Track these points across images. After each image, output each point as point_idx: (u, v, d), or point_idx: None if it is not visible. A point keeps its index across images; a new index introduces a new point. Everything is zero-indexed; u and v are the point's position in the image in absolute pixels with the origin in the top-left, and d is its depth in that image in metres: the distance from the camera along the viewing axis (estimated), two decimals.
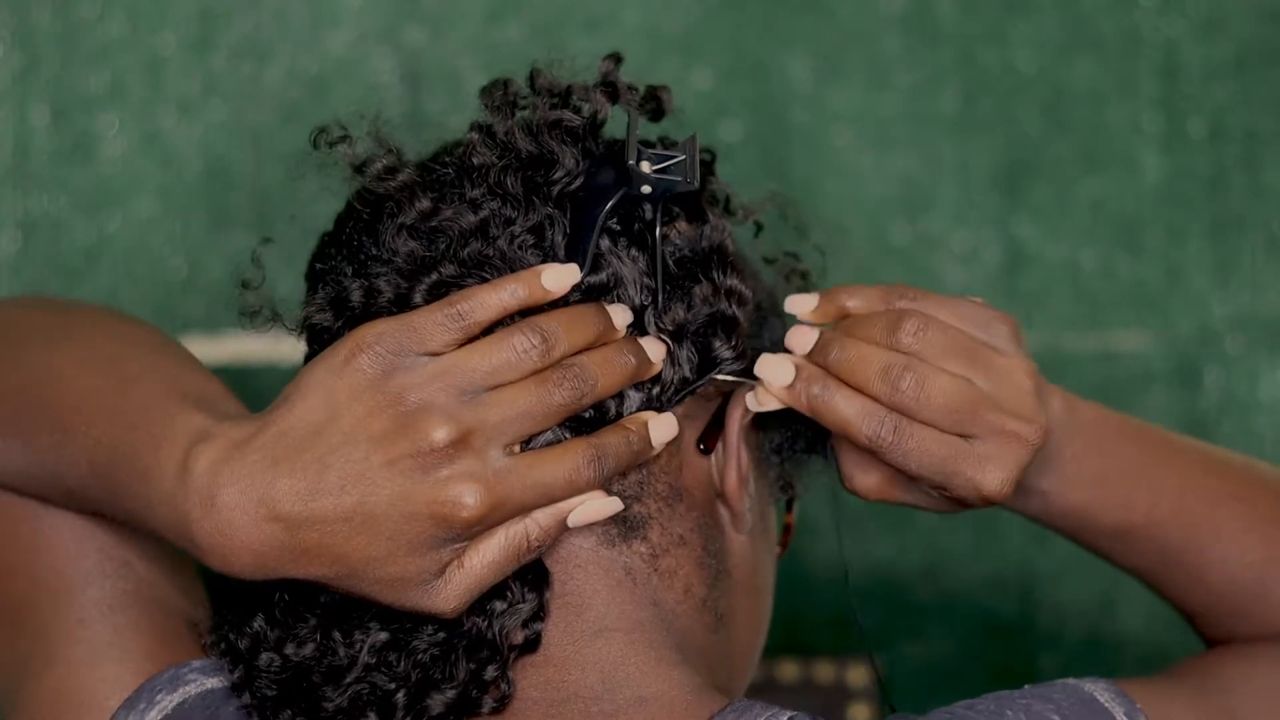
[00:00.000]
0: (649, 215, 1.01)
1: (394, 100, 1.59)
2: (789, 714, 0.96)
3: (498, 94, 1.04)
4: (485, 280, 0.98)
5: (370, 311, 0.98)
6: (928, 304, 1.03)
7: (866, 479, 1.05)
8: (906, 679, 1.62)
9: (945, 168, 1.62)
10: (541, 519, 0.96)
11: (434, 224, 0.99)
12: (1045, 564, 1.62)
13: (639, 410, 1.00)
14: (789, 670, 1.58)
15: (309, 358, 1.02)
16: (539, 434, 0.97)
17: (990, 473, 1.01)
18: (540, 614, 0.98)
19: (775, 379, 1.01)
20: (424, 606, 0.95)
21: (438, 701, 0.97)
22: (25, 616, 1.06)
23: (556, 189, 1.01)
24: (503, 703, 0.98)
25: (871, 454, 1.02)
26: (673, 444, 1.01)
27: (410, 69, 1.59)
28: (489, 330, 0.97)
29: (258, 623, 0.99)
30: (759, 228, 1.12)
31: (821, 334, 1.03)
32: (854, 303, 1.04)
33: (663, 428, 1.00)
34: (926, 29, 1.61)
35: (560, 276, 0.98)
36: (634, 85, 1.05)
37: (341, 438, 0.93)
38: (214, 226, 1.58)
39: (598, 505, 0.97)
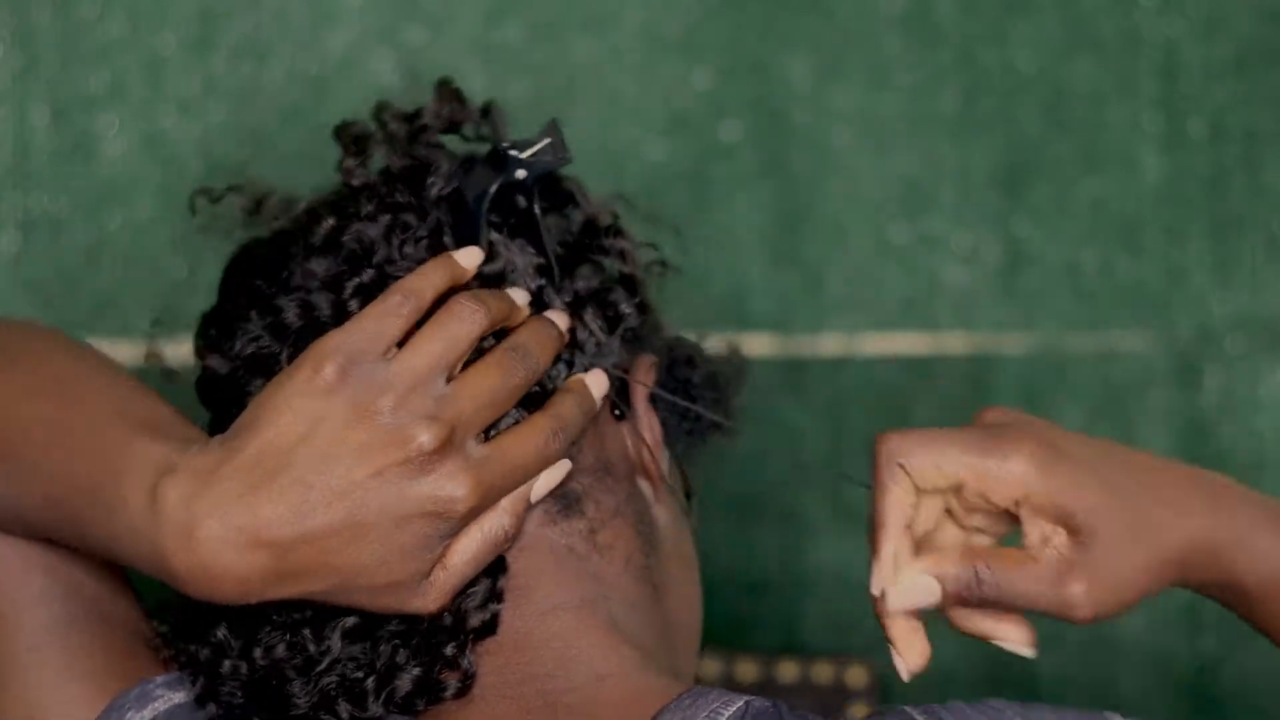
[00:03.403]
0: (522, 205, 1.04)
1: (394, 100, 1.59)
2: (745, 698, 0.96)
3: (352, 129, 1.08)
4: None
5: (312, 328, 0.99)
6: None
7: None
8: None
9: (945, 168, 1.62)
10: (509, 506, 0.98)
11: (343, 239, 1.02)
12: None
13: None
14: (788, 670, 1.58)
15: (218, 400, 1.03)
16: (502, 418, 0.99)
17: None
18: (495, 597, 0.99)
19: (923, 600, 1.03)
20: (411, 608, 0.96)
21: (405, 680, 0.98)
22: None
23: (435, 191, 1.04)
24: (466, 684, 0.98)
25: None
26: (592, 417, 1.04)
27: (410, 69, 1.59)
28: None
29: (220, 632, 0.99)
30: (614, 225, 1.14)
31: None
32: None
33: (596, 382, 1.02)
34: (926, 29, 1.61)
35: (470, 256, 1.01)
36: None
37: (320, 455, 0.93)
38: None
39: (551, 474, 1.00)
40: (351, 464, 0.93)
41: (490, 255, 1.03)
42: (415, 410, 0.94)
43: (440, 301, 0.99)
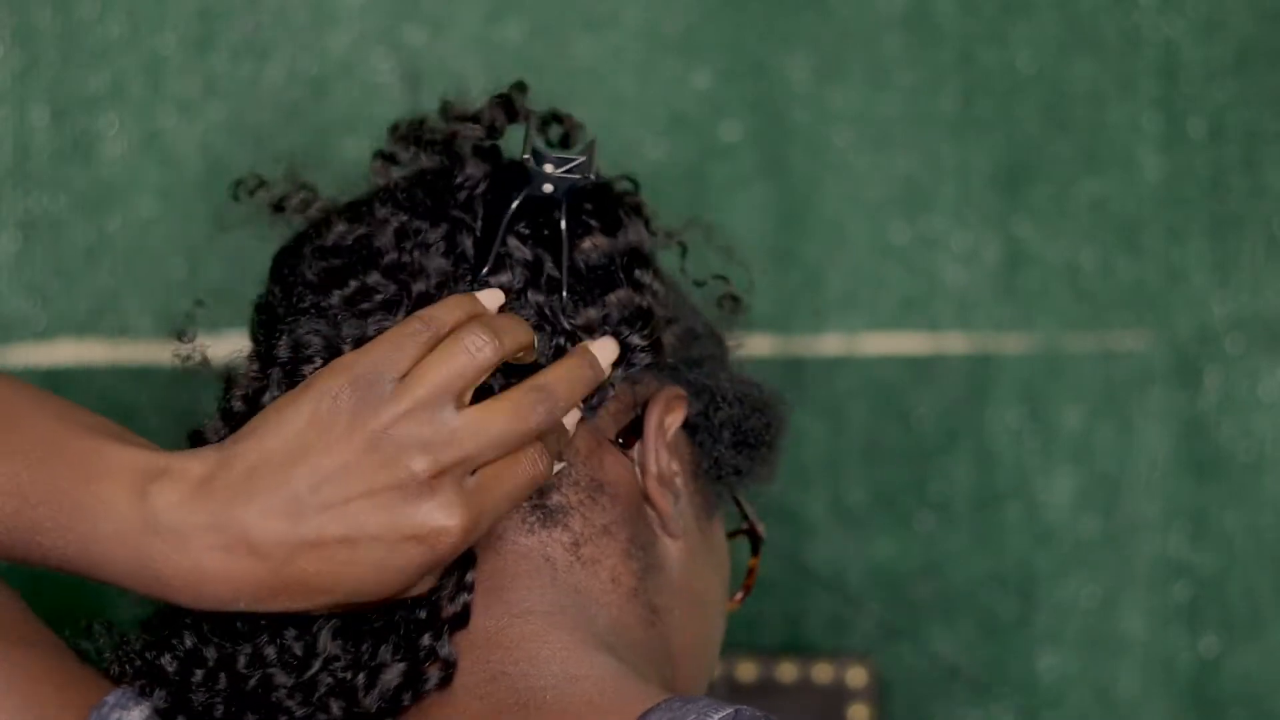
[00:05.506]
0: (556, 218, 1.03)
1: (394, 100, 1.59)
2: (734, 706, 0.95)
3: (404, 126, 1.08)
4: (406, 286, 1.00)
5: (301, 359, 0.99)
6: None
7: None
8: (906, 679, 1.62)
9: (945, 168, 1.62)
10: (546, 449, 0.98)
11: (348, 244, 1.02)
12: (1045, 564, 1.62)
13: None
14: (788, 670, 1.58)
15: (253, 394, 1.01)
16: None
17: None
18: (466, 588, 0.99)
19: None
20: (435, 525, 0.96)
21: (392, 674, 0.98)
22: None
23: (463, 195, 1.03)
24: (448, 673, 0.98)
25: None
26: (594, 439, 1.03)
27: (410, 69, 1.59)
28: None
29: (189, 641, 0.98)
30: (684, 250, 1.13)
31: None
32: None
33: (606, 351, 1.01)
34: (926, 29, 1.61)
35: (492, 297, 1.00)
36: (535, 109, 1.09)
37: (316, 472, 0.93)
38: (214, 226, 1.58)
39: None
40: (346, 483, 0.93)
41: (500, 264, 1.02)
42: (412, 435, 0.94)
43: None
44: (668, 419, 1.05)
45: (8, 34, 1.57)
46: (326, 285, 1.01)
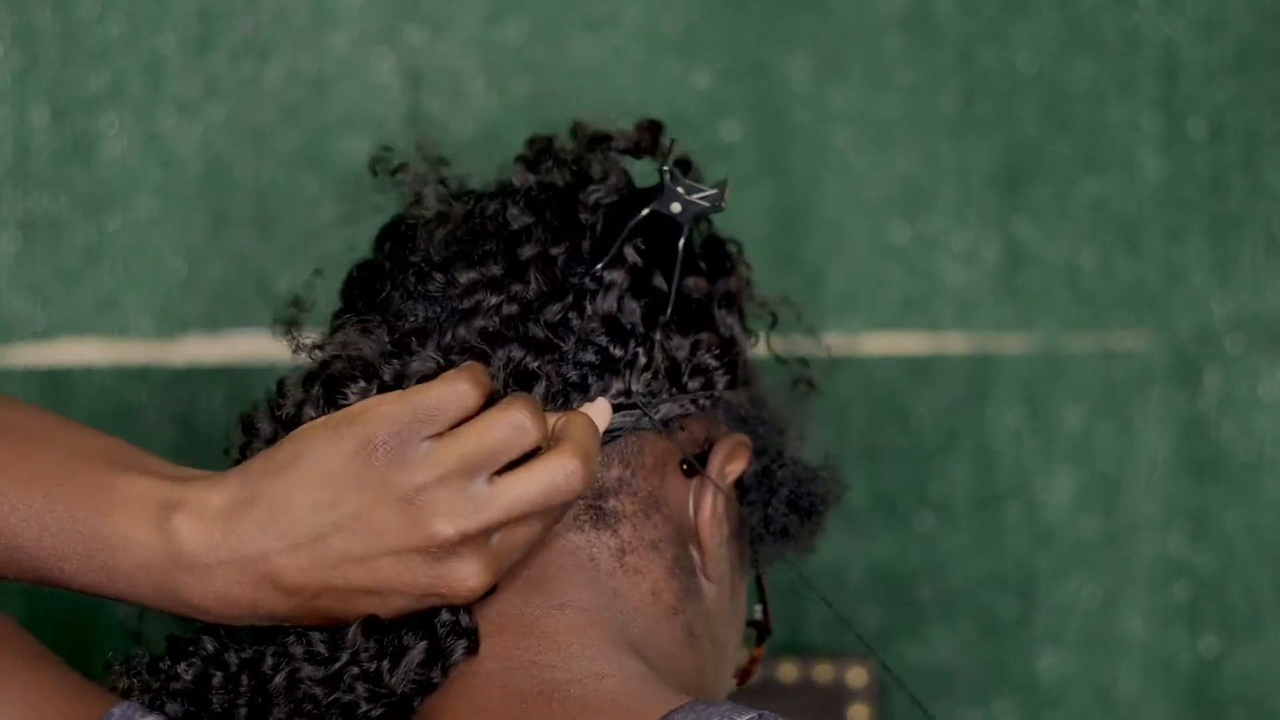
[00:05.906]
0: (679, 245, 1.06)
1: (394, 100, 1.59)
2: (755, 712, 0.95)
3: (540, 139, 1.09)
4: (516, 276, 1.01)
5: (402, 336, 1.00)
6: None
7: None
8: (906, 679, 1.61)
9: (945, 168, 1.62)
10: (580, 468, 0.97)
11: (468, 232, 1.04)
12: (1045, 564, 1.62)
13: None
14: (788, 670, 1.58)
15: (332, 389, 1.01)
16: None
17: None
18: None
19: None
20: (460, 593, 0.96)
21: (416, 653, 0.98)
22: None
23: (594, 198, 1.05)
24: (473, 643, 0.99)
25: None
26: (662, 457, 1.04)
27: (410, 69, 1.59)
28: None
29: (210, 646, 0.99)
30: (774, 321, 1.15)
31: None
32: None
33: (599, 413, 1.01)
34: (926, 29, 1.61)
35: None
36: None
37: (345, 523, 0.94)
38: (214, 226, 1.58)
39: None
40: (373, 539, 0.94)
41: (616, 262, 1.03)
42: (442, 502, 0.94)
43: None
44: (729, 466, 1.06)
45: (8, 34, 1.57)
46: (432, 267, 1.02)
